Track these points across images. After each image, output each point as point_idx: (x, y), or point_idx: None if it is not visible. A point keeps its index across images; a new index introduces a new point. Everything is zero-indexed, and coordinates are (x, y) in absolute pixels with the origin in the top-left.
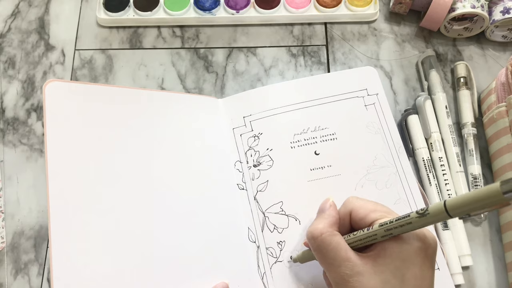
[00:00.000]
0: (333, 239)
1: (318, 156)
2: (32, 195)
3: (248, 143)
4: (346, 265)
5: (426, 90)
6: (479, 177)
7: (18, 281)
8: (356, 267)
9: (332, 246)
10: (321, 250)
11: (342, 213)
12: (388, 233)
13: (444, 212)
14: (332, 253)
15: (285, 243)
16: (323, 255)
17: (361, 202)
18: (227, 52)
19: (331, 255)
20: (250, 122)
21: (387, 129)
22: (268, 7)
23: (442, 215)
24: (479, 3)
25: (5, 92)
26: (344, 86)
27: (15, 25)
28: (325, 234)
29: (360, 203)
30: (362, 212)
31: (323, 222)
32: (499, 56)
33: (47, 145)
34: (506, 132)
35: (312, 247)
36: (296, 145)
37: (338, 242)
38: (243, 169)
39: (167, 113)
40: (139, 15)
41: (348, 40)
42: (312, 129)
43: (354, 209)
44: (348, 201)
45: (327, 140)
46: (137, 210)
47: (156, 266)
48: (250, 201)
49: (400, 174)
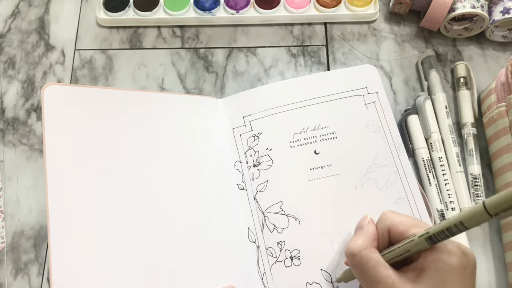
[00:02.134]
0: (372, 255)
1: (318, 156)
2: (32, 195)
3: (247, 143)
4: (386, 282)
5: (426, 90)
6: (479, 177)
7: (18, 281)
8: (395, 285)
9: (371, 263)
10: (360, 267)
11: (380, 229)
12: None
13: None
14: (371, 270)
15: (285, 243)
16: (362, 272)
17: (399, 217)
18: (227, 52)
19: (371, 272)
20: (250, 122)
21: (387, 127)
22: (268, 7)
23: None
24: (479, 3)
25: (5, 92)
26: (344, 84)
27: (15, 25)
28: (364, 251)
29: (399, 218)
30: (402, 227)
31: (362, 239)
32: (499, 56)
33: (45, 148)
34: (506, 132)
35: (351, 264)
36: (296, 145)
37: (377, 259)
38: (243, 169)
39: (166, 114)
40: (139, 15)
41: (348, 40)
42: (312, 128)
43: (393, 225)
44: (385, 216)
45: (327, 139)
46: (137, 211)
47: (155, 265)
48: (250, 201)
49: (400, 173)
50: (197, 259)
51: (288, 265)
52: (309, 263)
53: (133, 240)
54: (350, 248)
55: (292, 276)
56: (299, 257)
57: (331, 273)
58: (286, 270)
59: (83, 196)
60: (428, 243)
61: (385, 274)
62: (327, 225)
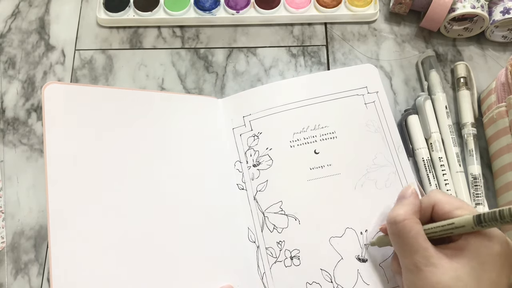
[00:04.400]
0: (415, 226)
1: (317, 155)
2: (32, 195)
3: (247, 143)
4: (423, 254)
5: (426, 90)
6: (479, 177)
7: (18, 281)
8: (432, 258)
9: (412, 233)
10: (401, 235)
11: (424, 203)
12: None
13: None
14: (411, 240)
15: (285, 243)
16: (402, 241)
17: (447, 197)
18: (227, 52)
19: (410, 241)
20: (250, 121)
21: (387, 127)
22: (268, 7)
23: None
24: (479, 3)
25: (5, 92)
26: (344, 84)
27: (15, 25)
28: (408, 220)
29: (446, 198)
30: (447, 207)
31: (405, 209)
32: (499, 56)
33: (46, 147)
34: (506, 132)
35: (391, 231)
36: (296, 144)
37: (419, 230)
38: (243, 169)
39: (166, 113)
40: (139, 15)
41: (348, 40)
42: (311, 127)
43: (439, 202)
44: (432, 193)
45: (326, 139)
46: (137, 211)
47: (155, 265)
48: (250, 201)
49: (400, 174)
50: (196, 258)
51: (288, 265)
52: (309, 263)
53: (132, 239)
54: (394, 216)
55: (292, 276)
56: (299, 257)
57: (331, 273)
58: (286, 270)
59: (83, 195)
60: (475, 225)
61: (424, 246)
62: (327, 225)
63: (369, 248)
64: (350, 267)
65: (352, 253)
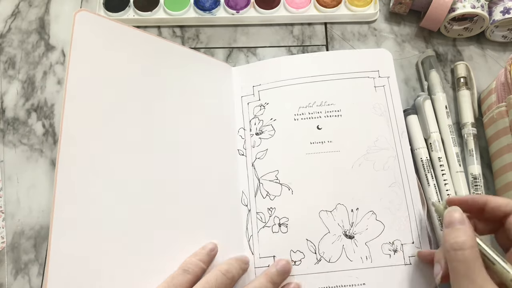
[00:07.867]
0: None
1: (320, 131)
2: (32, 195)
3: (253, 112)
4: None
5: (426, 90)
6: (479, 177)
7: (18, 281)
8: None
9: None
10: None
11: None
12: None
13: None
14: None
15: (275, 210)
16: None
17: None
18: (227, 52)
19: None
20: (259, 91)
21: (393, 113)
22: (268, 7)
23: None
24: (479, 3)
25: (5, 92)
26: (356, 65)
27: (15, 25)
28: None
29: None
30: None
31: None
32: (499, 56)
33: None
34: (506, 132)
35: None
36: (300, 118)
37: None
38: (246, 136)
39: (183, 68)
40: (139, 15)
41: (348, 40)
42: (318, 103)
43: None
44: None
45: (331, 116)
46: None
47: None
48: (248, 167)
49: (400, 159)
50: (189, 213)
51: (275, 231)
52: (296, 232)
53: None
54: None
55: (278, 242)
56: (287, 225)
57: (316, 244)
58: (272, 235)
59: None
60: None
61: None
62: (319, 199)
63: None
64: (335, 241)
65: (340, 228)
